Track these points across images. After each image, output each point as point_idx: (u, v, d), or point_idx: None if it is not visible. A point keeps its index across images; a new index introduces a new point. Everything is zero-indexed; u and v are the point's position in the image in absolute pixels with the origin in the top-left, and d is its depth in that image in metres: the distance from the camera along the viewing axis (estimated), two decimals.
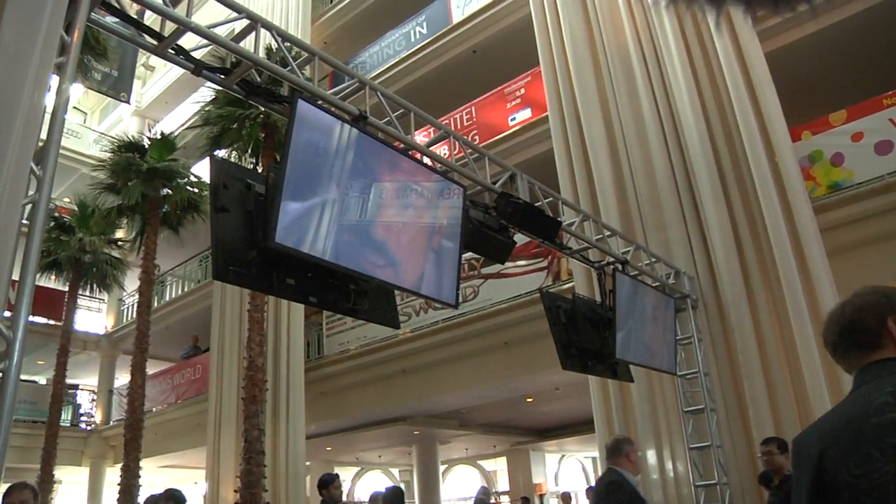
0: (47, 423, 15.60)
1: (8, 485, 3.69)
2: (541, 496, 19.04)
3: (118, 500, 13.38)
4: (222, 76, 4.07)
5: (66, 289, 16.91)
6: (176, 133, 16.83)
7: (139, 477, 13.60)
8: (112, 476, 17.09)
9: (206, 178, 15.78)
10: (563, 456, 21.62)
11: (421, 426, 15.67)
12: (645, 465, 7.95)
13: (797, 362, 7.13)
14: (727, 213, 7.88)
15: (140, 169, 14.28)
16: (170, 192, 14.90)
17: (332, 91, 4.52)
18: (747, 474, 7.34)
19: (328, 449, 17.45)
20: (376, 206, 3.93)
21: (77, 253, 16.23)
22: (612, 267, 6.54)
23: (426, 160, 4.77)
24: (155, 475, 19.73)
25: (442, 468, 20.09)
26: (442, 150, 5.79)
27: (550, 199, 6.12)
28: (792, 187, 7.58)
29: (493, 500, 15.80)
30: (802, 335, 7.09)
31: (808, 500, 1.41)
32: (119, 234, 17.93)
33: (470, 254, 7.61)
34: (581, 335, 6.06)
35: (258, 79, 4.22)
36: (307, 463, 12.46)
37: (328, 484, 6.51)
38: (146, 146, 14.95)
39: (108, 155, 14.87)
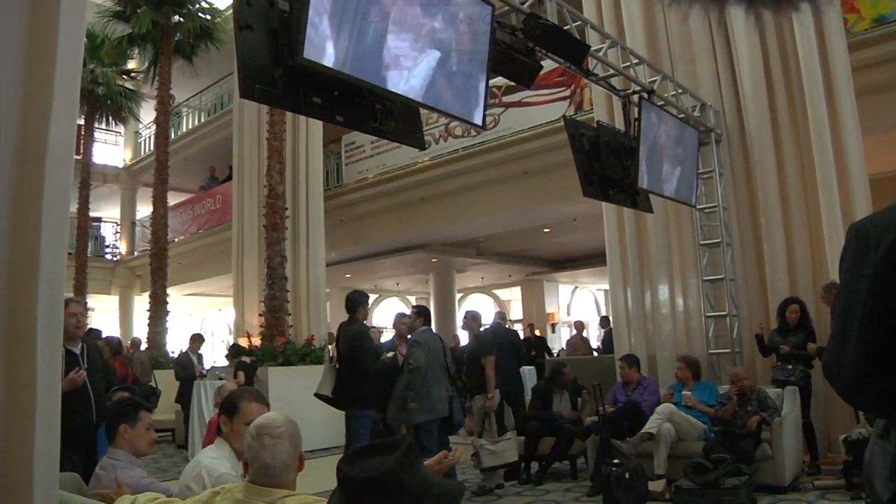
0: (76, 253, 15.99)
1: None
2: (553, 325, 19.82)
3: (148, 324, 14.16)
4: None
5: (82, 122, 16.84)
6: None
7: (167, 304, 14.28)
8: (140, 304, 17.84)
9: (218, 4, 15.33)
10: (576, 287, 22.25)
11: (438, 254, 15.99)
12: (656, 298, 8.17)
13: (816, 200, 7.13)
14: (759, 46, 7.55)
15: None
16: (181, 19, 14.47)
17: None
18: (757, 307, 7.55)
19: (347, 276, 17.97)
20: (403, 23, 3.82)
21: (90, 85, 15.97)
22: (637, 96, 6.41)
23: None
24: (181, 302, 20.63)
25: (458, 296, 20.79)
26: None
27: (578, 22, 5.91)
28: (829, 20, 7.21)
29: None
30: (824, 173, 7.02)
31: (868, 290, 1.18)
32: (131, 64, 17.61)
33: (491, 81, 7.45)
34: (603, 163, 6.04)
35: None
36: (327, 290, 12.85)
37: (361, 304, 6.26)
38: None
39: None
